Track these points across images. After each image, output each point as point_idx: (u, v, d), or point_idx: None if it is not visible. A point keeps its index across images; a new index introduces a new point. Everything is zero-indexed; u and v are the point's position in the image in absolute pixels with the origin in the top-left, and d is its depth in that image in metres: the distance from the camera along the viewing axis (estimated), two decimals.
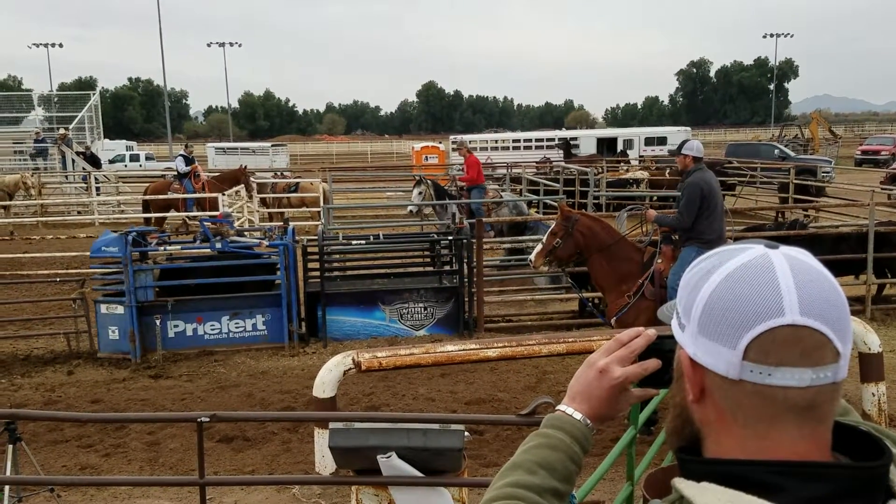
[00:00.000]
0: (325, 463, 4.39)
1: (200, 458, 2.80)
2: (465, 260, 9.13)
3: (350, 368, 4.24)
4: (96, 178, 21.56)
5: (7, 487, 4.08)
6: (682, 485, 0.87)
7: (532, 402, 2.50)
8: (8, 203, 18.08)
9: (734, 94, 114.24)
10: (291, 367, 8.20)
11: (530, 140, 38.22)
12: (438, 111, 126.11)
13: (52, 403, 7.19)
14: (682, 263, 6.12)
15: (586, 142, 35.56)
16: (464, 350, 3.92)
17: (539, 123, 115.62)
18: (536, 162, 26.56)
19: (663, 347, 1.08)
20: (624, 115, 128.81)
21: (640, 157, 31.13)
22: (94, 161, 23.88)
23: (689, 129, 38.77)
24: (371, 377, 7.37)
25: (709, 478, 0.86)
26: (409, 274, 9.96)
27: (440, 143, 39.00)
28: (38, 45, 61.32)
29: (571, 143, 33.47)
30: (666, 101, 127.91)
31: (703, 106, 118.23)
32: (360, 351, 3.95)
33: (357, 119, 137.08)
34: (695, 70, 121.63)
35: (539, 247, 6.67)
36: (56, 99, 35.51)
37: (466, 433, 2.66)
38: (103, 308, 8.42)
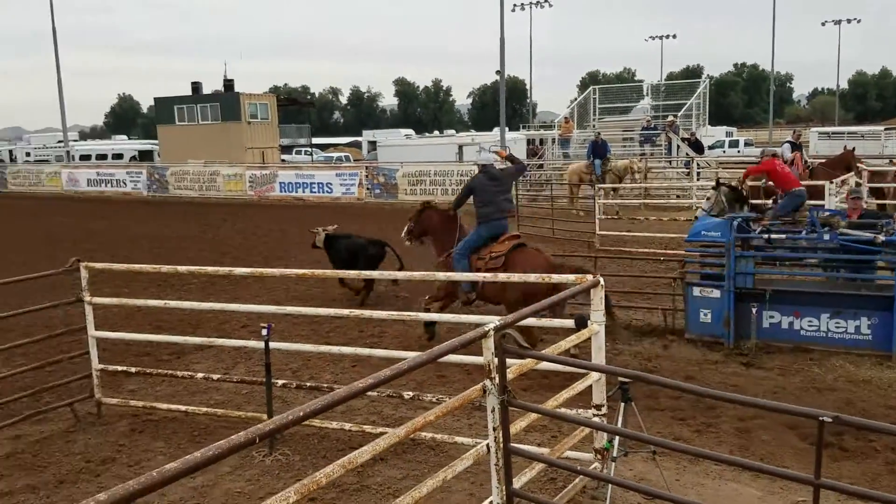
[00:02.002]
0: None
1: (818, 457, 2.62)
2: None
3: None
4: (698, 164, 22.42)
5: (616, 440, 4.54)
6: None
7: None
8: (617, 185, 20.20)
9: None
10: None
11: None
12: None
13: (648, 373, 7.76)
14: (470, 236, 8.39)
15: None
16: None
17: None
18: None
19: None
20: None
21: None
22: (697, 147, 24.87)
23: None
24: None
25: None
26: None
27: None
28: (653, 38, 66.80)
29: None
30: None
31: None
32: None
33: None
34: None
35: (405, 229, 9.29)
36: (663, 88, 38.08)
37: None
38: (696, 291, 8.66)
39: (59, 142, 52.28)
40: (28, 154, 57.15)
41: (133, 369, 7.21)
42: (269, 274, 6.47)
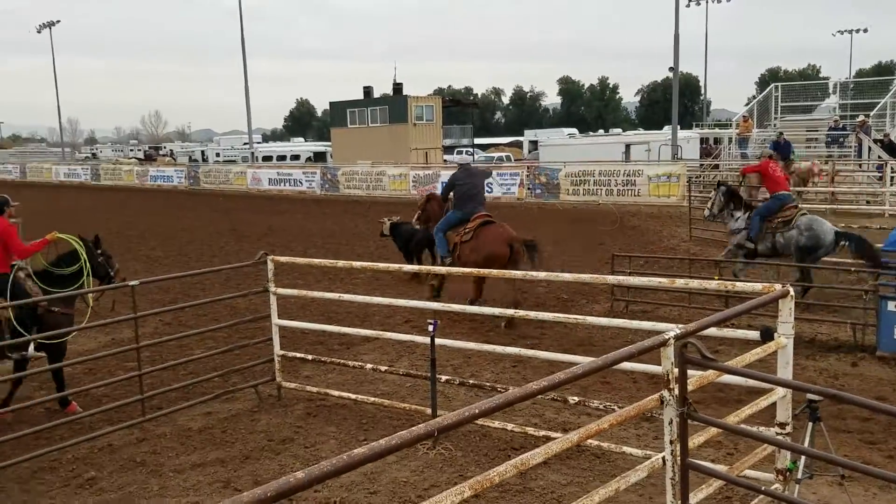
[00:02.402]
0: None
1: None
2: None
3: None
4: (892, 168, 20.41)
5: (802, 461, 4.22)
6: None
7: None
8: (801, 189, 18.77)
9: None
10: None
11: None
12: None
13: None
14: (448, 215, 10.58)
15: None
16: None
17: None
18: None
19: None
20: None
21: None
22: (892, 150, 22.62)
23: None
24: None
25: None
26: None
27: None
28: (841, 32, 61.60)
29: None
30: None
31: None
32: None
33: None
34: None
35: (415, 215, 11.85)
36: (852, 86, 34.96)
37: None
38: (891, 305, 7.90)
39: (245, 144, 56.70)
40: (218, 154, 62.52)
41: (309, 357, 7.65)
42: (435, 271, 6.61)
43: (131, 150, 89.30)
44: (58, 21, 61.55)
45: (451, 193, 10.69)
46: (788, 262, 10.89)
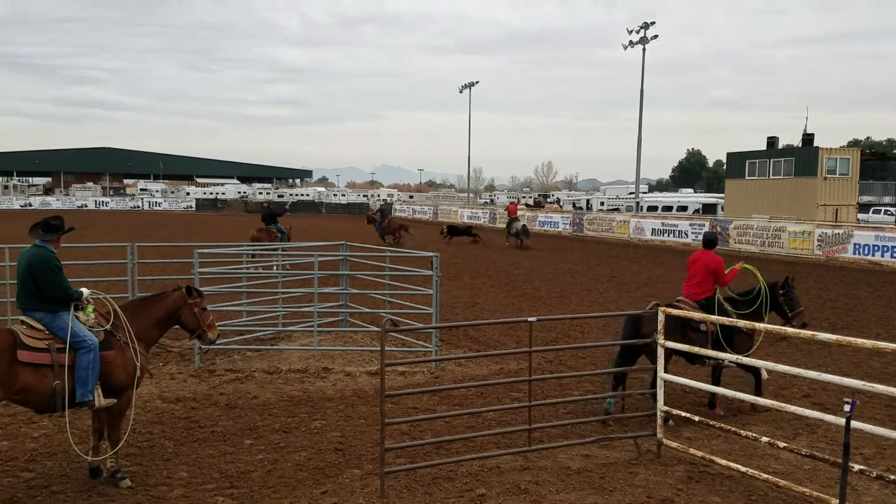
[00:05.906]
0: None
1: None
2: None
3: None
4: None
5: None
6: None
7: None
8: None
9: None
10: None
11: None
12: None
13: None
14: (378, 222, 36.08)
15: None
16: None
17: None
18: None
19: None
20: None
21: None
22: None
23: None
24: None
25: None
26: None
27: None
28: None
29: None
30: None
31: None
32: None
33: None
34: None
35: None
36: None
37: None
38: None
39: (630, 193, 57.32)
40: (602, 203, 64.25)
41: (696, 418, 7.21)
42: (858, 344, 5.72)
43: (523, 197, 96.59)
44: (477, 82, 69.81)
45: (381, 212, 34.98)
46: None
